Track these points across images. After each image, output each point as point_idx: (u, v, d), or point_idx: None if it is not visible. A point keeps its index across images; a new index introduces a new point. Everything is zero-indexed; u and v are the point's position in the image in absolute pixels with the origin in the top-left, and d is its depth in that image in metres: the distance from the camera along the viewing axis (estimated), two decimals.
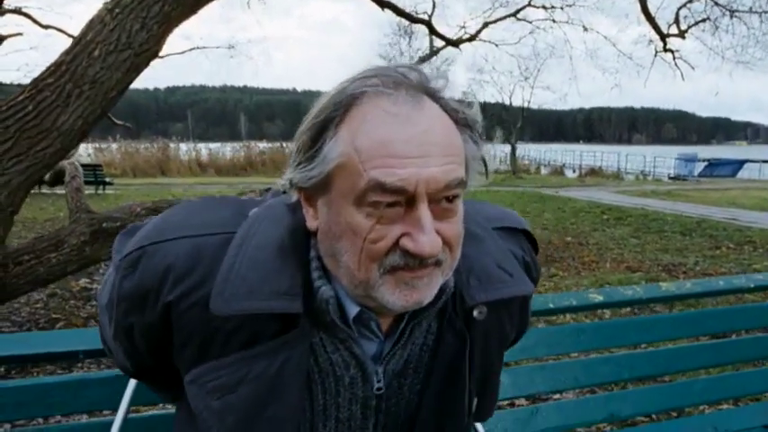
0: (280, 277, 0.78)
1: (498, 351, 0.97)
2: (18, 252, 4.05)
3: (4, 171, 3.67)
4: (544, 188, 20.09)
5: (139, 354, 0.89)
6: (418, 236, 0.71)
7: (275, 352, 0.79)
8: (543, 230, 10.48)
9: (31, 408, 1.41)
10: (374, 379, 0.86)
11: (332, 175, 0.73)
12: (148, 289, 0.81)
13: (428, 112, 0.73)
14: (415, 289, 0.75)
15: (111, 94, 4.03)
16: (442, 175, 0.71)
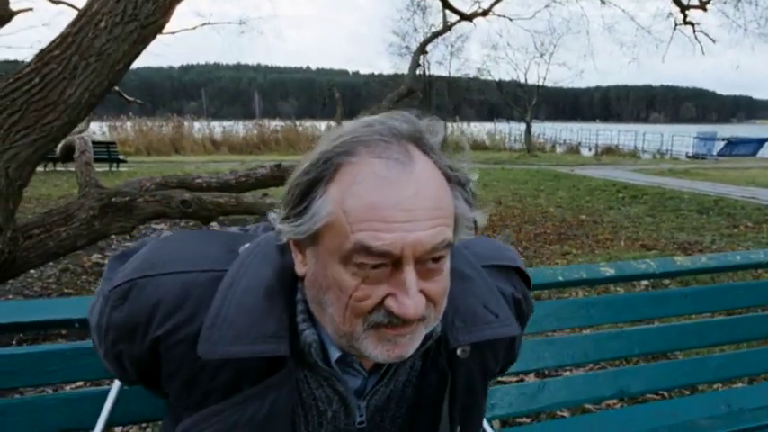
0: (267, 320, 0.79)
1: (482, 384, 0.98)
2: (28, 226, 4.06)
3: (12, 144, 3.66)
4: (559, 166, 19.87)
5: (129, 375, 0.91)
6: (403, 298, 0.72)
7: (264, 394, 0.81)
8: (557, 208, 10.37)
9: (26, 376, 1.39)
10: (356, 413, 0.89)
11: (320, 232, 0.74)
12: (137, 322, 0.83)
13: (418, 174, 0.73)
14: (398, 345, 0.77)
15: (118, 66, 3.99)
16: (429, 239, 0.72)
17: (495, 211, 9.92)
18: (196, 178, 5.43)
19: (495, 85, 33.58)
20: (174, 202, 4.77)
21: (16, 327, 1.46)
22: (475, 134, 32.04)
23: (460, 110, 37.45)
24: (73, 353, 1.43)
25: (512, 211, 10.06)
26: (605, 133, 37.22)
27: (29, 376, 1.39)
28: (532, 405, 1.83)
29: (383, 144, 0.73)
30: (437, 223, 0.73)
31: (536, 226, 8.68)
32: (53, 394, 1.41)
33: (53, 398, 1.40)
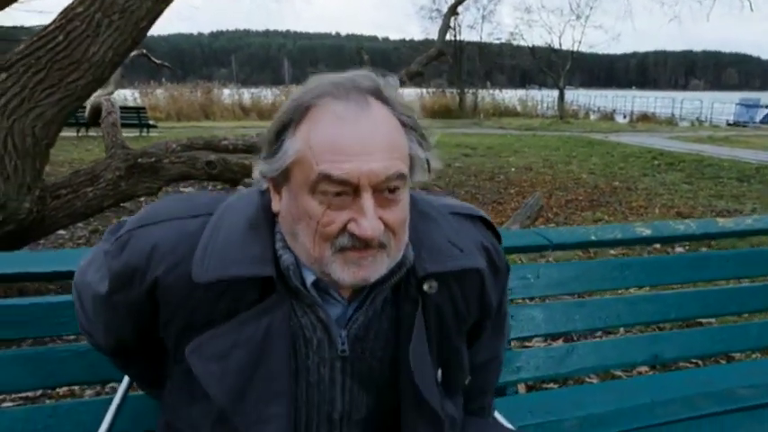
0: (252, 247, 0.89)
1: (456, 327, 1.03)
2: (56, 186, 4.08)
3: (38, 103, 3.64)
4: (592, 133, 19.36)
5: (121, 330, 1.00)
6: (362, 221, 0.82)
7: (259, 317, 0.89)
8: (590, 175, 10.12)
9: (38, 327, 1.36)
10: (338, 342, 0.95)
11: (290, 167, 0.85)
12: (135, 267, 0.91)
13: (374, 115, 0.84)
14: (361, 267, 0.86)
15: (142, 24, 3.93)
16: (382, 170, 0.82)
17: (526, 178, 9.72)
18: (222, 140, 5.40)
19: (527, 50, 32.74)
20: (200, 164, 4.74)
21: (28, 277, 1.43)
22: (506, 100, 31.37)
23: (492, 76, 36.67)
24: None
25: (542, 177, 9.85)
26: (641, 100, 36.11)
27: (40, 327, 1.36)
28: (560, 369, 1.75)
29: (345, 93, 0.84)
30: (390, 156, 0.83)
31: (567, 192, 8.48)
32: (65, 346, 1.38)
33: (64, 350, 1.38)
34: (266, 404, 0.90)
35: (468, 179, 9.52)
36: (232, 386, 0.89)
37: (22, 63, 3.62)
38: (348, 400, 0.99)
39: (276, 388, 0.90)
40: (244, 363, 0.89)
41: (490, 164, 11.36)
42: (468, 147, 14.02)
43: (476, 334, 1.12)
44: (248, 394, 0.89)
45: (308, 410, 0.97)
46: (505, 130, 20.06)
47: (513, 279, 1.72)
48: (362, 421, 1.01)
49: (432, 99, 29.22)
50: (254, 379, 0.89)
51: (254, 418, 0.89)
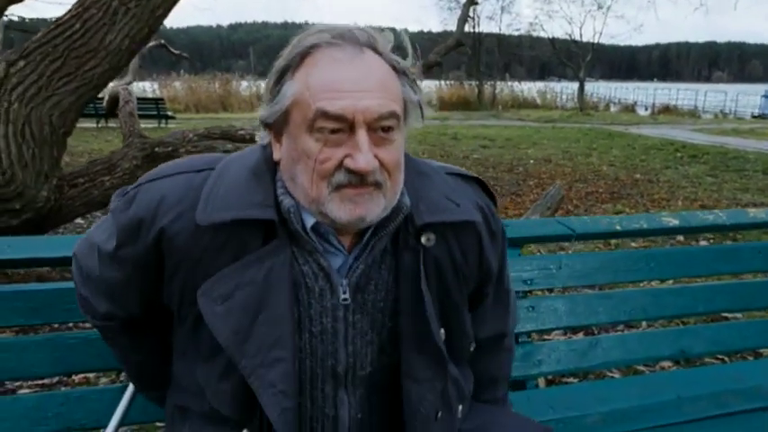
0: (254, 192, 0.92)
1: (456, 284, 1.03)
2: (73, 175, 4.09)
3: (55, 91, 3.65)
4: (613, 125, 19.08)
5: (125, 296, 1.02)
6: (357, 155, 0.86)
7: (261, 260, 0.91)
8: (610, 167, 9.96)
9: (49, 313, 1.33)
10: (340, 290, 0.96)
11: (290, 109, 0.89)
12: (142, 218, 0.93)
13: (368, 60, 0.89)
14: (358, 205, 0.89)
15: (158, 12, 3.91)
16: (376, 108, 0.86)
17: (545, 169, 9.60)
18: (239, 130, 5.37)
19: (547, 41, 32.34)
20: (217, 153, 4.73)
21: (38, 262, 1.40)
22: (525, 92, 31.06)
23: (510, 68, 36.33)
24: None
25: (562, 169, 9.71)
26: (663, 92, 35.52)
27: (52, 313, 1.34)
28: (582, 363, 1.69)
29: (341, 40, 0.89)
30: (383, 96, 0.88)
31: (587, 184, 8.35)
32: (75, 332, 1.35)
33: (73, 337, 1.35)
34: (270, 348, 0.90)
35: (486, 171, 9.42)
36: (236, 326, 0.90)
37: (40, 51, 3.63)
38: (352, 352, 0.99)
39: (279, 332, 0.91)
40: (247, 303, 0.90)
41: (509, 155, 11.24)
42: (487, 138, 13.89)
43: (478, 299, 1.12)
44: (252, 336, 0.90)
45: (313, 364, 0.97)
46: (524, 122, 19.86)
47: (535, 269, 1.67)
48: (367, 378, 1.01)
49: (450, 91, 29.02)
50: (258, 321, 0.90)
51: (258, 361, 0.90)
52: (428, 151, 11.46)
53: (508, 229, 1.70)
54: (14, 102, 3.56)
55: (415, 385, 0.98)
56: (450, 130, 15.48)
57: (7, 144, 3.57)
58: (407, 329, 0.98)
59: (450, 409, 1.08)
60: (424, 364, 0.99)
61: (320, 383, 0.99)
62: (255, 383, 0.90)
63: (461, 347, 1.10)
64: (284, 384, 0.91)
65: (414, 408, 0.99)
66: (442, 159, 10.42)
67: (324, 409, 1.00)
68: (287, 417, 0.91)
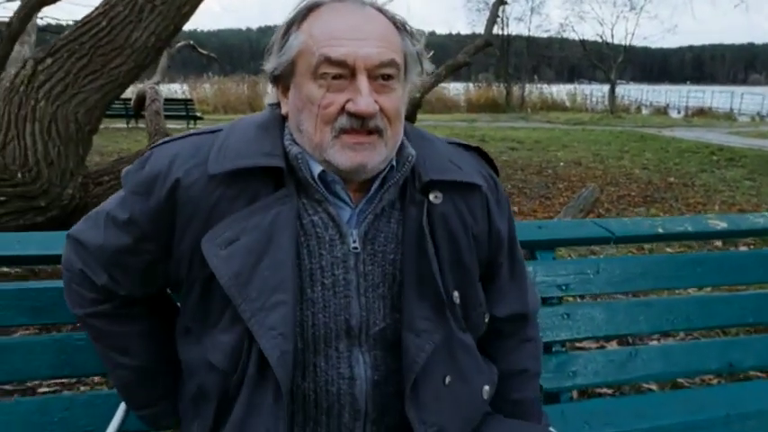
0: (262, 143, 0.96)
1: (467, 243, 1.03)
2: (98, 173, 4.09)
3: (81, 89, 3.64)
4: (645, 128, 18.65)
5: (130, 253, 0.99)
6: (357, 98, 0.90)
7: (268, 207, 0.93)
8: (643, 170, 9.70)
9: (57, 313, 1.27)
10: (350, 239, 0.97)
11: (296, 58, 0.94)
12: (157, 174, 0.95)
13: (369, 13, 0.95)
14: (358, 152, 0.92)
15: (185, 9, 3.88)
16: (376, 55, 0.91)
17: (575, 172, 9.39)
18: None
19: (576, 43, 31.88)
20: None
21: (45, 259, 1.34)
22: (554, 94, 30.65)
23: (539, 69, 35.89)
24: None
25: (592, 171, 9.49)
26: (697, 94, 34.69)
27: (57, 313, 1.27)
28: (621, 375, 1.58)
29: None
30: (383, 45, 0.92)
31: (619, 188, 8.13)
32: (83, 333, 1.29)
33: (82, 338, 1.28)
34: (271, 291, 0.90)
35: (514, 173, 9.25)
36: (238, 269, 0.91)
37: (67, 48, 3.62)
38: (365, 306, 0.97)
39: (281, 276, 0.91)
40: (250, 247, 0.91)
41: (537, 158, 11.03)
42: (515, 141, 13.69)
43: (493, 272, 1.13)
44: (253, 279, 0.90)
45: (326, 319, 0.96)
46: (553, 125, 19.56)
47: (570, 274, 1.55)
48: (381, 337, 0.99)
49: (478, 93, 28.79)
50: (260, 266, 0.91)
51: (259, 305, 0.90)
52: None
53: (541, 231, 1.59)
54: (41, 99, 3.56)
55: (412, 335, 0.97)
56: (477, 132, 15.31)
57: (34, 142, 3.57)
58: (409, 279, 0.98)
59: (466, 380, 1.05)
60: (422, 314, 0.98)
61: (334, 341, 0.97)
62: (255, 327, 0.90)
63: (476, 315, 1.08)
64: (284, 327, 0.90)
65: (411, 359, 0.96)
66: None
67: (339, 369, 0.97)
68: (286, 359, 0.91)
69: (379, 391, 0.99)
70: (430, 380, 0.99)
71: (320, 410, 0.97)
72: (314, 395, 0.97)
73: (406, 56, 0.97)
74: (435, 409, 0.99)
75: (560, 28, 32.19)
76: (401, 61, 0.96)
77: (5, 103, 3.66)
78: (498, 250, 1.11)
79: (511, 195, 7.53)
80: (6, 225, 3.56)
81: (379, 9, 0.97)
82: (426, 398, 0.98)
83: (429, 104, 21.53)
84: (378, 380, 0.99)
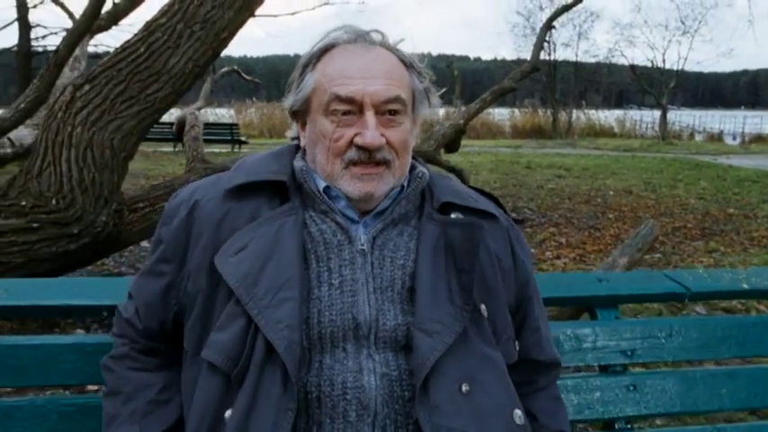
0: (272, 164, 1.07)
1: (488, 258, 1.05)
2: (133, 199, 4.03)
3: (117, 115, 3.59)
4: (699, 155, 17.93)
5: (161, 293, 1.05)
6: (365, 132, 0.99)
7: (274, 220, 1.00)
8: (699, 200, 9.21)
9: (37, 374, 1.11)
10: (357, 242, 1.01)
11: (310, 96, 1.04)
12: (180, 202, 1.07)
13: (378, 53, 1.04)
14: (366, 182, 1.00)
15: (223, 34, 3.83)
16: (383, 92, 1.00)
17: (626, 202, 8.99)
18: None
19: (625, 68, 31.22)
20: None
21: (34, 310, 1.19)
22: (602, 120, 29.98)
23: (586, 95, 35.23)
24: (95, 348, 1.14)
25: (644, 201, 9.07)
26: (753, 120, 33.37)
27: (40, 374, 1.12)
28: None
29: (354, 38, 1.05)
30: (390, 82, 1.01)
31: (674, 219, 7.71)
32: (69, 398, 1.13)
33: (69, 403, 1.12)
34: (278, 289, 0.94)
35: (561, 202, 8.92)
36: (247, 271, 0.95)
37: (105, 75, 3.59)
38: (374, 304, 0.98)
39: (288, 274, 0.95)
40: (258, 252, 0.96)
41: (586, 186, 10.65)
42: (562, 168, 13.30)
43: (524, 309, 1.12)
44: (261, 280, 0.94)
45: (333, 317, 0.96)
46: (601, 151, 19.01)
47: (637, 337, 1.32)
48: (392, 339, 0.98)
49: (523, 118, 28.41)
50: (267, 267, 0.95)
51: (266, 302, 0.93)
52: (500, 180, 11.05)
53: (602, 285, 1.37)
54: (78, 126, 3.53)
55: (423, 335, 0.96)
56: (523, 159, 14.96)
57: (69, 168, 3.54)
58: (423, 287, 0.98)
59: (489, 395, 0.99)
60: (435, 316, 0.97)
61: (342, 341, 0.97)
62: (262, 322, 0.92)
63: (506, 338, 1.05)
64: (291, 320, 0.93)
65: (422, 359, 0.94)
66: (514, 189, 10.05)
67: (346, 364, 0.96)
68: (293, 349, 0.91)
69: (388, 391, 0.96)
70: (442, 382, 0.95)
71: (324, 408, 0.95)
72: (317, 392, 0.95)
73: (414, 92, 1.06)
74: (450, 414, 0.94)
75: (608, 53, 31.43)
76: (408, 97, 1.04)
77: (44, 129, 3.65)
78: (526, 283, 1.12)
79: (558, 225, 7.22)
80: (39, 252, 3.52)
81: (389, 48, 1.06)
82: (438, 400, 0.94)
83: (473, 130, 21.31)
84: (388, 380, 0.97)
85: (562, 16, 15.28)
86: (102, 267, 4.89)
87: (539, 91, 32.90)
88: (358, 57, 1.01)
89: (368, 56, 1.02)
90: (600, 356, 1.31)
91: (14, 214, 3.47)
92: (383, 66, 1.02)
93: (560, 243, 6.32)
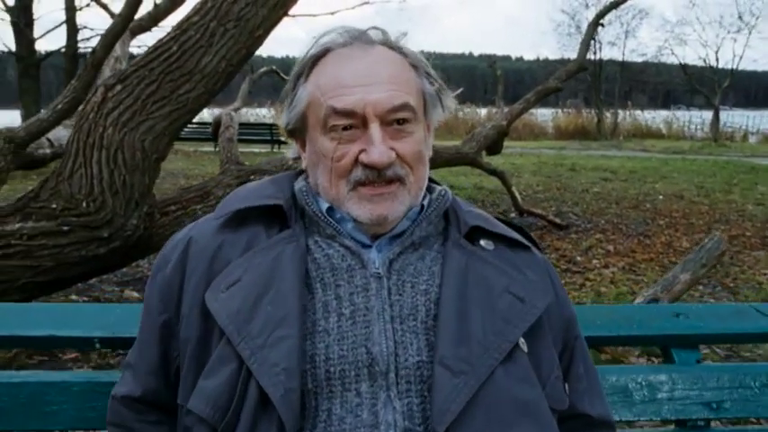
0: (267, 189, 0.95)
1: (524, 291, 0.89)
2: (165, 202, 3.95)
3: (149, 116, 3.51)
4: (755, 158, 17.10)
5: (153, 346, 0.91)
6: (370, 148, 0.86)
7: (270, 249, 0.88)
8: (757, 206, 8.71)
9: (19, 416, 0.97)
10: (371, 266, 0.88)
11: (306, 112, 0.92)
12: (178, 240, 0.95)
13: (377, 53, 0.90)
14: (378, 204, 0.87)
15: (258, 32, 3.71)
16: (387, 99, 0.86)
17: (677, 207, 8.56)
18: None
19: (674, 67, 30.19)
20: None
21: (16, 341, 1.05)
22: (649, 121, 29.03)
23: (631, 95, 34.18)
24: (83, 388, 0.99)
25: (697, 207, 8.61)
26: None
27: (22, 417, 0.97)
28: None
29: (350, 40, 0.91)
30: (394, 87, 0.87)
31: (730, 226, 7.28)
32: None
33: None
34: (274, 327, 0.81)
35: (608, 207, 8.54)
36: (239, 307, 0.83)
37: (137, 75, 3.51)
38: (392, 336, 0.83)
39: (285, 310, 0.82)
40: (252, 285, 0.84)
41: (633, 190, 10.21)
42: (608, 170, 12.83)
43: (570, 352, 0.97)
44: (255, 317, 0.82)
45: (343, 352, 0.82)
46: (649, 153, 18.35)
47: (724, 387, 1.11)
48: (416, 377, 0.82)
49: (567, 119, 27.75)
50: (262, 302, 0.83)
51: (261, 342, 0.81)
52: (543, 183, 10.70)
53: (681, 321, 1.15)
54: (109, 127, 3.45)
55: (447, 373, 0.80)
56: (567, 161, 14.52)
57: (100, 170, 3.46)
58: (447, 314, 0.84)
59: None
60: (461, 353, 0.82)
61: (354, 382, 0.82)
62: (255, 365, 0.79)
63: (554, 378, 0.89)
64: (288, 362, 0.79)
65: (444, 403, 0.78)
66: (558, 193, 9.70)
67: (359, 415, 0.80)
68: (290, 398, 0.78)
69: None
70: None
71: None
72: None
73: (424, 94, 0.93)
74: None
75: (658, 51, 30.42)
76: (417, 101, 0.91)
77: (76, 130, 3.59)
78: (572, 322, 0.99)
79: (605, 232, 6.90)
80: (69, 255, 3.46)
81: (391, 47, 0.92)
82: None
83: (515, 131, 20.84)
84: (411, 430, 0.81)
85: (609, 14, 14.73)
86: (136, 269, 4.84)
87: (582, 91, 32.11)
88: (355, 61, 0.89)
89: (366, 58, 0.89)
90: (678, 409, 1.10)
91: (45, 217, 3.41)
92: (385, 68, 0.89)
93: (608, 251, 6.01)
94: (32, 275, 3.40)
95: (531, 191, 9.63)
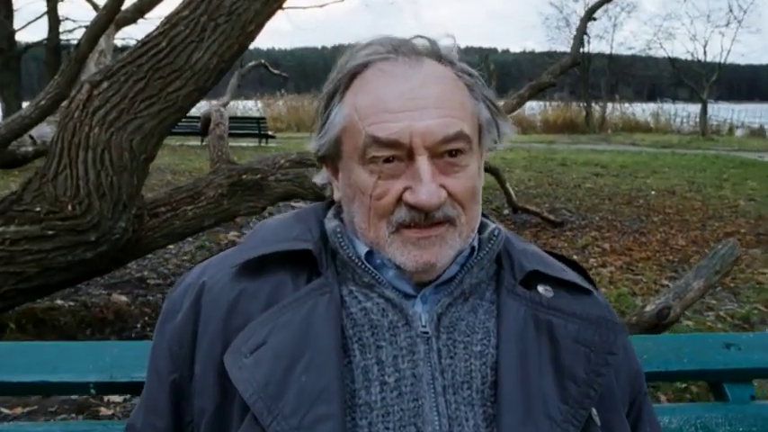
0: (292, 229, 0.83)
1: (591, 349, 0.77)
2: (155, 203, 3.81)
3: (137, 115, 3.36)
4: (743, 152, 17.18)
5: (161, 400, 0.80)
6: (417, 186, 0.73)
7: (301, 303, 0.76)
8: (749, 202, 8.71)
9: None
10: (417, 323, 0.77)
11: (340, 136, 0.78)
12: (186, 286, 0.83)
13: (426, 70, 0.77)
14: (425, 250, 0.75)
15: (250, 27, 3.56)
16: (439, 128, 0.73)
17: (670, 203, 8.54)
18: None
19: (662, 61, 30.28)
20: (308, 183, 4.30)
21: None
22: (637, 115, 29.13)
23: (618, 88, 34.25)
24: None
25: (690, 203, 8.60)
26: None
27: None
28: None
29: (394, 53, 0.77)
30: (448, 113, 0.75)
31: (724, 223, 7.27)
32: None
33: None
34: (312, 403, 0.70)
35: (601, 203, 8.50)
36: (267, 378, 0.71)
37: (124, 71, 3.35)
38: (444, 411, 0.72)
39: (324, 381, 0.70)
40: (281, 349, 0.72)
41: (625, 185, 10.18)
42: (599, 165, 12.81)
43: (638, 414, 0.87)
44: (288, 390, 0.70)
45: (388, 431, 0.71)
46: (639, 147, 18.36)
47: None
48: None
49: (555, 112, 27.76)
50: (294, 372, 0.71)
51: (296, 422, 0.69)
52: (535, 179, 10.64)
53: (732, 353, 1.05)
54: (95, 126, 3.30)
55: None
56: (557, 155, 14.49)
57: (86, 171, 3.32)
58: (509, 385, 0.73)
59: None
60: (528, 430, 0.72)
61: None
62: None
63: None
64: None
65: None
66: (550, 188, 9.64)
67: None
68: None
69: None
70: None
71: None
72: None
73: (480, 119, 0.80)
74: None
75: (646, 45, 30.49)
76: (472, 129, 0.78)
77: (60, 129, 3.43)
78: (639, 376, 0.88)
79: (600, 229, 6.84)
80: (54, 261, 3.31)
81: (441, 60, 0.79)
82: None
83: None
84: None
85: None
86: (124, 271, 4.69)
87: (569, 84, 32.13)
88: (400, 79, 0.75)
89: (414, 77, 0.75)
90: None
91: (29, 221, 3.27)
92: (437, 88, 0.76)
93: (604, 249, 5.95)
94: (15, 282, 3.25)
95: (523, 186, 9.56)
